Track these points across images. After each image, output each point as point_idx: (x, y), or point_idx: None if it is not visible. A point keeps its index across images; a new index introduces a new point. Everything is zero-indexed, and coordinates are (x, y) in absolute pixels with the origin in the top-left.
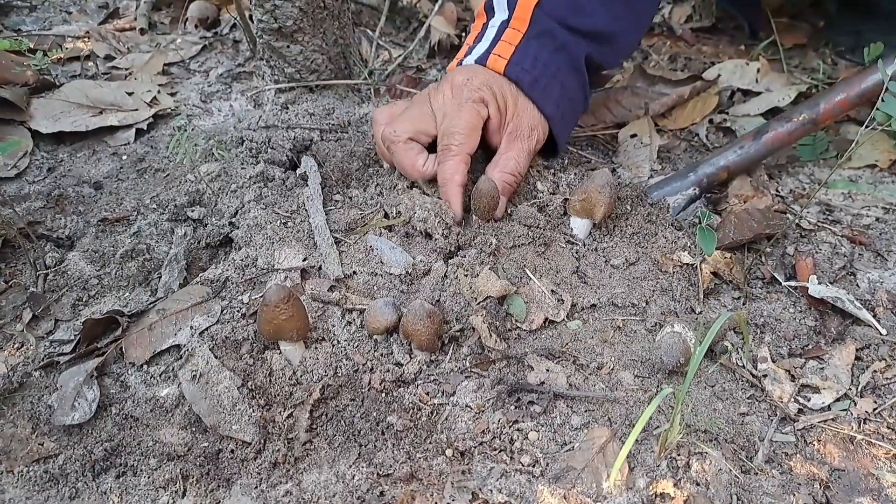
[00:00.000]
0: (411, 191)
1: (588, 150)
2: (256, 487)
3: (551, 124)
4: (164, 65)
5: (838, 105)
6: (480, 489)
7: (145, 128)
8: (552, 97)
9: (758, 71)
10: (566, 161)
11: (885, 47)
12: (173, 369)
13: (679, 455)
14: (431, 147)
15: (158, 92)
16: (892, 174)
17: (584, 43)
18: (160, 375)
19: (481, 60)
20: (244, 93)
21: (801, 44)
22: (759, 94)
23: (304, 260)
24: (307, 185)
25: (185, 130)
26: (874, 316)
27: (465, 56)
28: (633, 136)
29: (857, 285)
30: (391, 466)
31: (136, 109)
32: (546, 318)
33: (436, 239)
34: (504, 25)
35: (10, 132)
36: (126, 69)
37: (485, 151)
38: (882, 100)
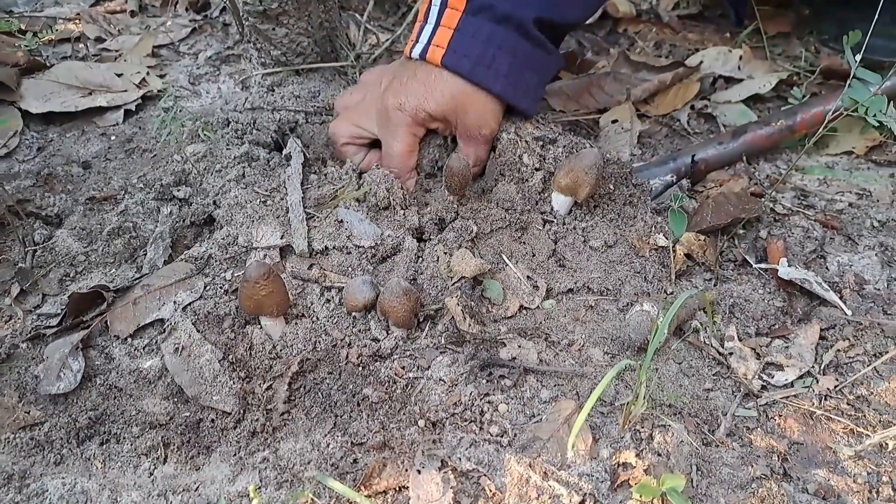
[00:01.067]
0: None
1: (570, 134)
2: (235, 455)
3: (507, 99)
4: (154, 47)
5: (814, 116)
6: (450, 457)
7: (134, 109)
8: (500, 73)
9: (740, 58)
10: (557, 134)
11: (873, 38)
12: (157, 342)
13: (643, 428)
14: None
15: (147, 74)
16: (868, 161)
17: (530, 5)
18: (144, 348)
19: (423, 55)
20: (232, 75)
21: (786, 32)
22: (740, 81)
23: (282, 237)
24: (289, 165)
25: (173, 112)
26: (841, 298)
27: (414, 45)
28: (615, 121)
29: (827, 268)
30: (365, 436)
31: (125, 91)
32: (521, 306)
33: (396, 211)
34: (444, 5)
35: (0, 112)
36: (116, 51)
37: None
38: (849, 85)
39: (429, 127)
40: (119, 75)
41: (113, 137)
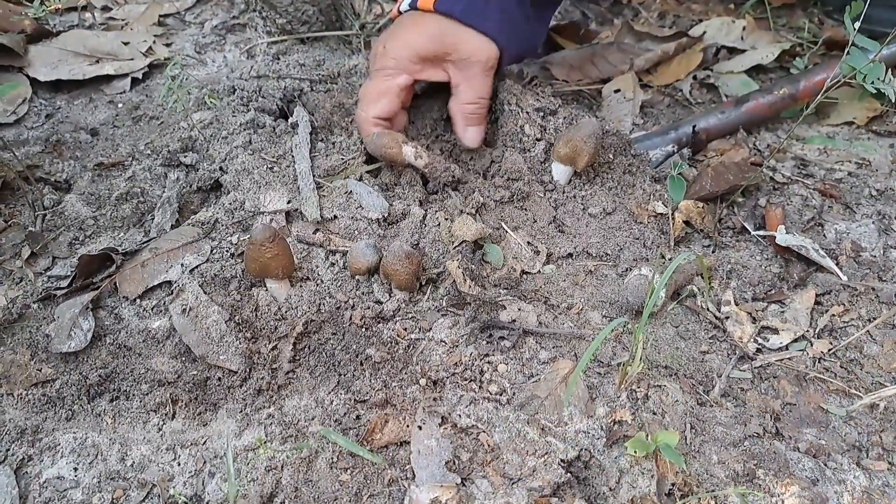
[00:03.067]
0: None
1: (573, 104)
2: (241, 411)
3: (499, 41)
4: (160, 16)
5: (817, 85)
6: (450, 414)
7: (141, 77)
8: (492, 18)
9: (743, 29)
10: (557, 105)
11: (875, 9)
12: (164, 303)
13: (639, 387)
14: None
15: (154, 42)
16: (868, 131)
17: None
18: (152, 309)
19: (413, 3)
20: (238, 44)
21: (790, 3)
22: (743, 51)
23: (289, 203)
24: (296, 133)
25: (179, 80)
26: (837, 264)
27: (401, 2)
28: (617, 91)
29: (824, 235)
30: (367, 393)
31: (132, 59)
32: (522, 271)
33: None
34: None
35: (8, 79)
36: (122, 20)
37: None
38: (847, 52)
39: (417, 75)
40: (126, 44)
41: (120, 105)
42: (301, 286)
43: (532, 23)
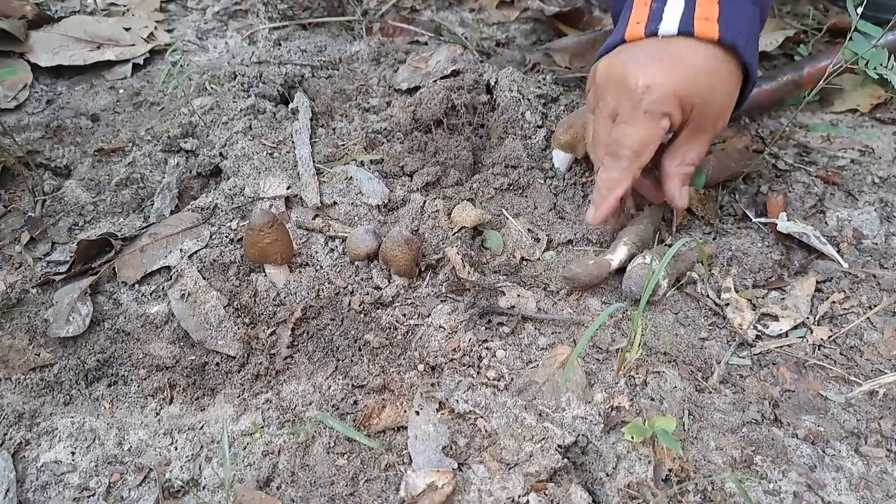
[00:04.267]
0: None
1: (575, 91)
2: (239, 396)
3: (753, 84)
4: (161, 2)
5: (821, 71)
6: (447, 399)
7: (142, 63)
8: (756, 55)
9: None
10: (558, 93)
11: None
12: (163, 289)
13: (637, 374)
14: None
15: (155, 28)
16: (872, 118)
17: None
18: (151, 294)
19: (686, 28)
20: (239, 30)
21: None
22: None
23: (289, 188)
24: (297, 119)
25: (180, 66)
26: (838, 251)
27: (652, 21)
28: None
29: (826, 223)
30: (365, 379)
31: (133, 45)
32: (522, 258)
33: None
34: None
35: (9, 65)
36: (124, 5)
37: None
38: (850, 38)
39: (671, 120)
40: (127, 29)
41: (121, 91)
42: (300, 272)
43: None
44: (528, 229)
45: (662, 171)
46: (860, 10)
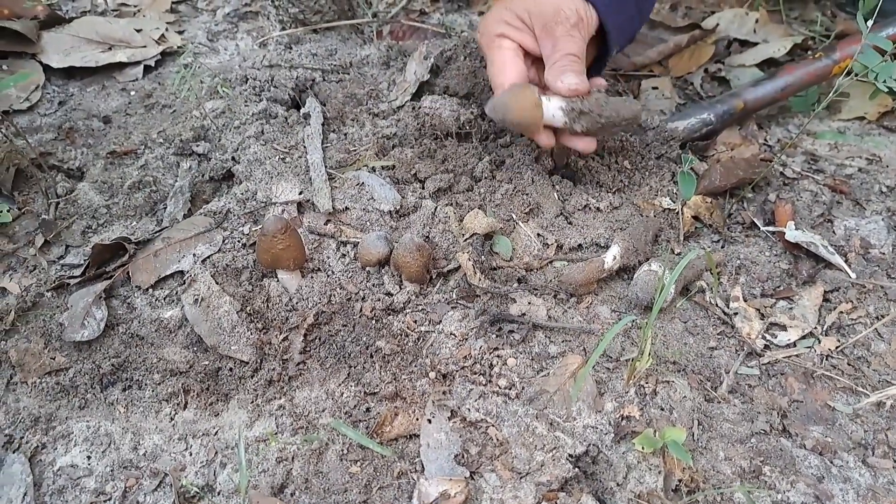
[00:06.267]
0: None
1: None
2: (252, 402)
3: (600, 12)
4: (172, 3)
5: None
6: (459, 408)
7: (153, 65)
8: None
9: (756, 21)
10: None
11: (888, 2)
12: (177, 293)
13: (647, 383)
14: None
15: (166, 30)
16: (879, 126)
17: None
18: (164, 298)
19: None
20: (250, 32)
21: None
22: (755, 44)
23: (301, 193)
24: (308, 124)
25: (192, 68)
26: (846, 261)
27: None
28: (655, 88)
29: (834, 232)
30: (378, 386)
31: (145, 46)
32: (530, 265)
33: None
34: None
35: (22, 66)
36: (134, 6)
37: None
38: (861, 51)
39: (512, 37)
40: (138, 31)
41: (133, 93)
42: (312, 277)
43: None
44: (538, 234)
45: (547, 84)
46: (870, 22)
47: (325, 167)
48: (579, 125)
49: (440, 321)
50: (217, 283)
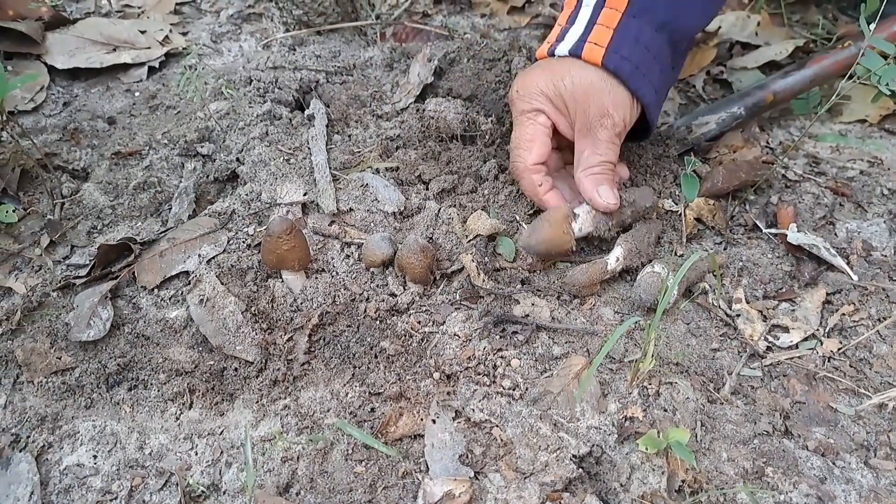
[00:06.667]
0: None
1: None
2: (257, 402)
3: (647, 110)
4: (176, 4)
5: (891, 36)
6: (463, 408)
7: (157, 66)
8: (653, 82)
9: (758, 24)
10: None
11: (890, 6)
12: (182, 293)
13: (650, 384)
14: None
15: (170, 31)
16: (881, 129)
17: (687, 16)
18: (170, 299)
19: (576, 51)
20: (253, 34)
21: None
22: (757, 47)
23: (305, 195)
24: (313, 126)
25: (196, 69)
26: (848, 263)
27: (557, 42)
28: None
29: (836, 234)
30: (382, 386)
31: (149, 48)
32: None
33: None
34: (601, 4)
35: (27, 66)
36: (138, 8)
37: None
38: (863, 54)
39: (547, 117)
40: (142, 32)
41: (137, 94)
42: (316, 278)
43: (674, 72)
44: None
45: (576, 181)
46: (873, 26)
47: (330, 168)
48: (607, 232)
49: (444, 322)
50: (222, 284)
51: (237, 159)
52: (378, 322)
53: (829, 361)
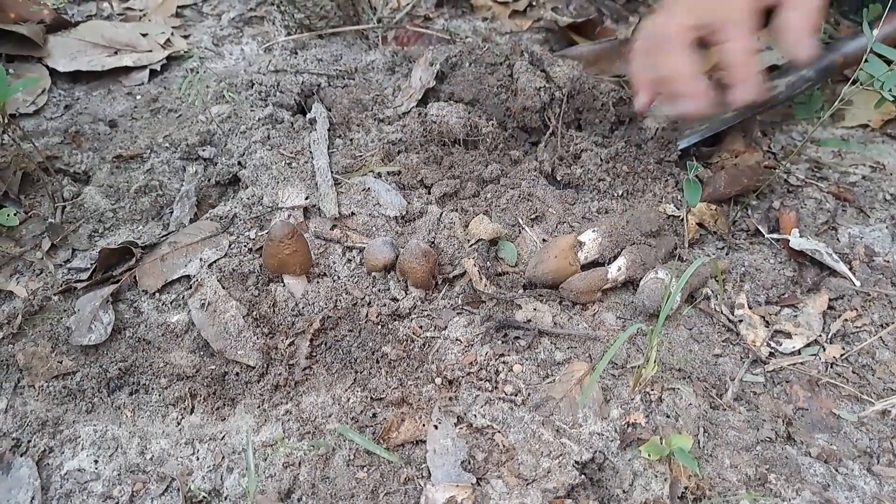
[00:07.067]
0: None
1: None
2: (259, 407)
3: None
4: (178, 7)
5: None
6: (465, 414)
7: (159, 69)
8: None
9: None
10: None
11: (893, 11)
12: (183, 298)
13: (653, 390)
14: None
15: (172, 34)
16: (883, 134)
17: None
18: (171, 303)
19: None
20: (255, 37)
21: None
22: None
23: (307, 199)
24: (314, 129)
25: (198, 73)
26: (850, 269)
27: None
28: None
29: (838, 239)
30: (384, 391)
31: (151, 51)
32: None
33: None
34: None
35: (28, 69)
36: (140, 10)
37: None
38: (866, 60)
39: None
40: (144, 35)
41: (138, 97)
42: (318, 282)
43: None
44: (544, 239)
45: (783, 24)
46: (876, 31)
47: (332, 172)
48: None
49: (446, 327)
50: (223, 288)
51: (239, 163)
52: (380, 327)
53: (831, 367)
